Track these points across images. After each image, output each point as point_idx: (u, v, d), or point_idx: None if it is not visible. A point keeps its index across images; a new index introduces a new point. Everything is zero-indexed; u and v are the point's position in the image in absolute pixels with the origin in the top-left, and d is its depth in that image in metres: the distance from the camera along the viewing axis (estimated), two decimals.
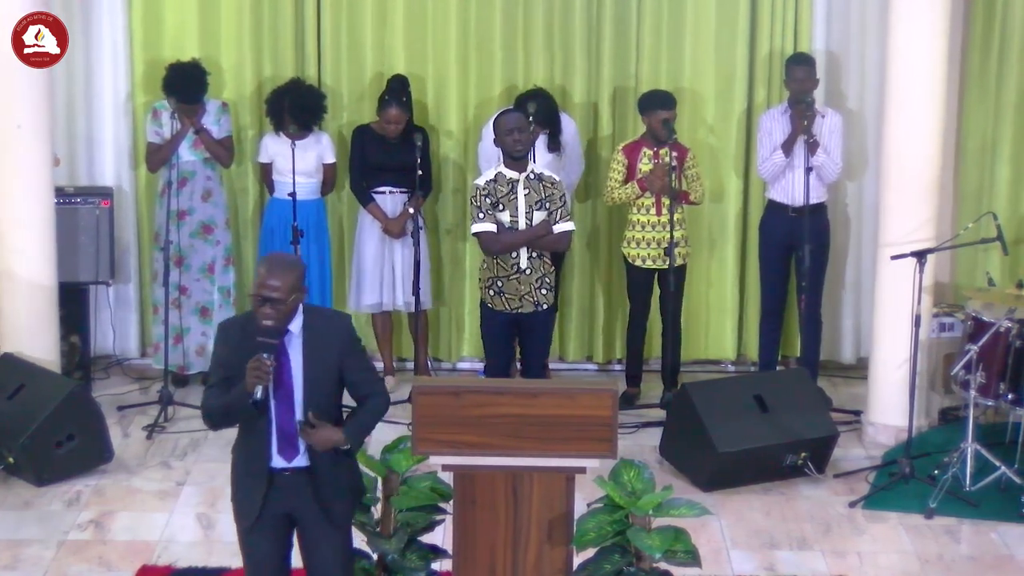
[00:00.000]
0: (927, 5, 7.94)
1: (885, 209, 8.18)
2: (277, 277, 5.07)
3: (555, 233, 7.69)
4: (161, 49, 9.09)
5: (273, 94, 8.80)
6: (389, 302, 8.95)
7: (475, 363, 9.35)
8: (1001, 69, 9.11)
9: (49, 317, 8.17)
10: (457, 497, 5.26)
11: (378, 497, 5.70)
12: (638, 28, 9.18)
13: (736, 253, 9.40)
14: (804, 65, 8.64)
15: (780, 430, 7.63)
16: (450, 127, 9.22)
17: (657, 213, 8.54)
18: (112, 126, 9.21)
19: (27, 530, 7.09)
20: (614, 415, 5.14)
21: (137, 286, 9.37)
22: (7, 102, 7.92)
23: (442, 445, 5.16)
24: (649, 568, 5.34)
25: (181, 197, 8.74)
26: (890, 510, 7.40)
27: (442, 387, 5.29)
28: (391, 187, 8.81)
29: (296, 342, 5.18)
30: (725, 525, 7.20)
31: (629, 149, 8.67)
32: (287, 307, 5.09)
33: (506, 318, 7.77)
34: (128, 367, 9.36)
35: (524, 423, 5.12)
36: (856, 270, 9.38)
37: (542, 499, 5.22)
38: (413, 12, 9.16)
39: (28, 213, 8.01)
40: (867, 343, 8.87)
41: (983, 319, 7.74)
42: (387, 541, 5.61)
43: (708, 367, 9.48)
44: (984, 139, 9.20)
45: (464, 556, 5.27)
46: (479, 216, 7.67)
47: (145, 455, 8.03)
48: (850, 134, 8.98)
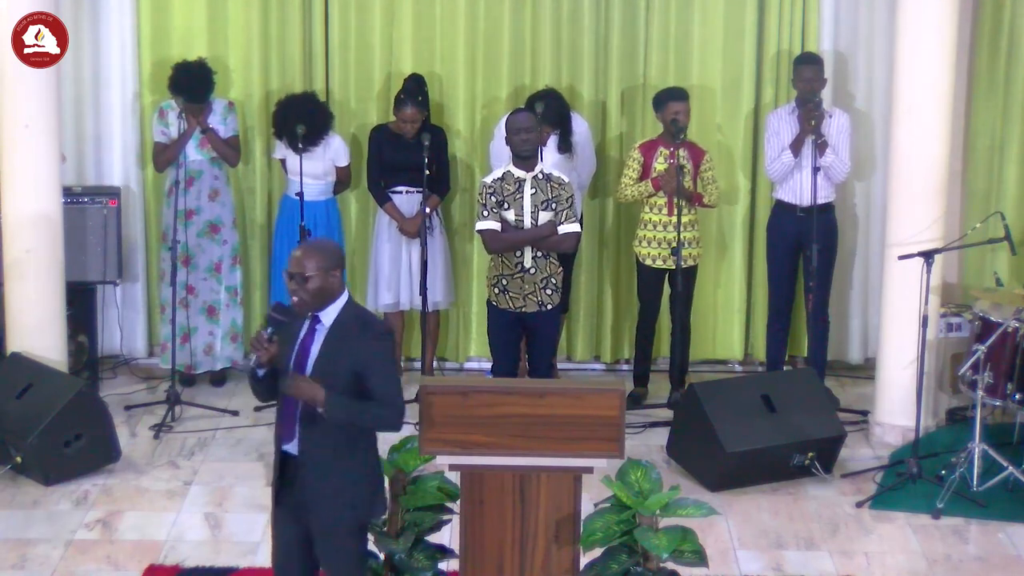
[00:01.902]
0: (935, 5, 7.93)
1: (893, 209, 8.17)
2: (304, 254, 5.21)
3: (559, 234, 7.68)
4: (169, 49, 9.10)
5: (278, 109, 8.75)
6: (406, 302, 8.96)
7: (482, 363, 9.35)
8: (1009, 69, 9.11)
9: (57, 316, 8.17)
10: (464, 497, 5.27)
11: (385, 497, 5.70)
12: (646, 28, 9.18)
13: (744, 253, 9.40)
14: (812, 65, 8.64)
15: (787, 430, 7.63)
16: (458, 127, 9.22)
17: (669, 213, 8.54)
18: (120, 126, 9.22)
19: (35, 529, 7.10)
20: (621, 415, 5.14)
21: (144, 286, 9.38)
22: (15, 102, 7.92)
23: (449, 445, 5.16)
24: (656, 568, 5.34)
25: (188, 197, 8.75)
26: (897, 510, 7.40)
27: (450, 387, 5.29)
28: (407, 187, 8.81)
29: (322, 333, 5.23)
30: (732, 525, 7.20)
31: (646, 147, 8.67)
32: (311, 286, 5.16)
33: (510, 317, 7.77)
34: (135, 366, 9.37)
35: (531, 423, 5.12)
36: (864, 270, 9.37)
37: (549, 499, 5.22)
38: (421, 11, 9.16)
39: (36, 212, 8.02)
40: (875, 343, 8.86)
41: (991, 319, 7.74)
42: (394, 541, 5.62)
43: (715, 367, 9.48)
44: (992, 139, 9.19)
45: (471, 556, 5.27)
46: (484, 214, 7.68)
47: (152, 454, 8.04)
48: (858, 134, 8.97)
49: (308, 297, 5.19)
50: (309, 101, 8.79)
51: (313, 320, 5.25)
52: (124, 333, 9.34)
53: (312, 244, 5.45)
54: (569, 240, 7.76)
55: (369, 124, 9.10)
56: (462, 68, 9.21)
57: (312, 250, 5.25)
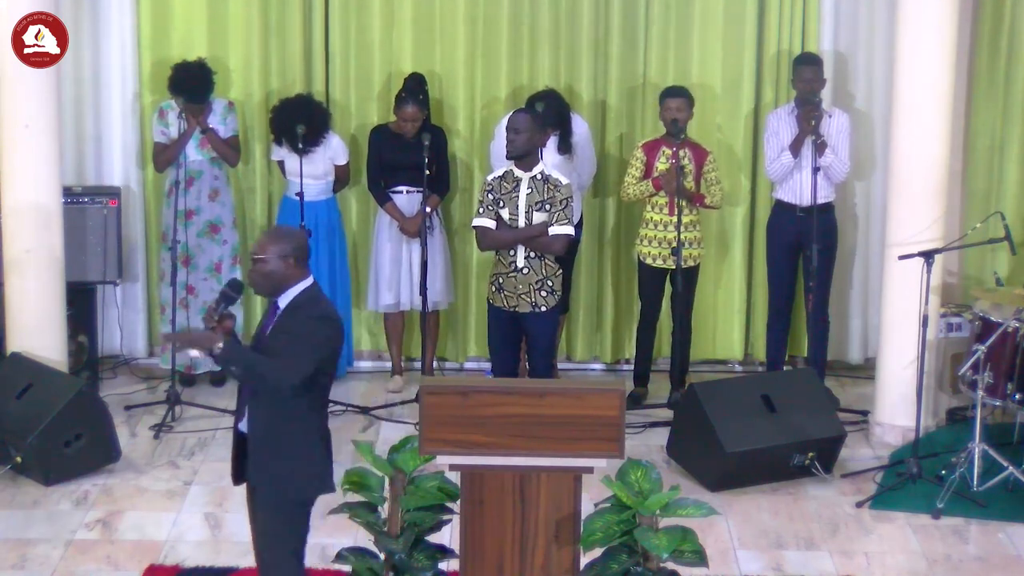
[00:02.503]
0: (935, 5, 7.93)
1: (893, 209, 8.17)
2: (266, 238, 5.44)
3: (549, 235, 7.67)
4: (169, 49, 9.09)
5: (277, 111, 8.76)
6: (407, 301, 8.96)
7: (482, 363, 9.34)
8: (1009, 68, 9.11)
9: (57, 316, 8.17)
10: (464, 497, 5.26)
11: (385, 496, 5.70)
12: (646, 28, 9.18)
13: (744, 253, 9.40)
14: (812, 65, 8.63)
15: (787, 430, 7.63)
16: (458, 127, 9.22)
17: (671, 213, 8.54)
18: (120, 126, 9.22)
19: (35, 529, 7.10)
20: (622, 415, 5.13)
21: (145, 286, 9.38)
22: (15, 102, 7.92)
23: (449, 445, 5.15)
24: (656, 568, 5.34)
25: (188, 197, 8.75)
26: (897, 510, 7.40)
27: (450, 387, 5.28)
28: (407, 186, 8.81)
29: (277, 316, 5.40)
30: (732, 525, 7.20)
31: (649, 147, 8.66)
32: (264, 268, 5.34)
33: (505, 315, 7.77)
34: (135, 366, 9.37)
35: (531, 423, 5.12)
36: (864, 270, 9.37)
37: (549, 499, 5.22)
38: (421, 11, 9.16)
39: (36, 213, 8.02)
40: (875, 343, 8.86)
41: (991, 319, 7.74)
42: (394, 541, 5.61)
43: (715, 367, 9.48)
44: (992, 139, 9.19)
45: (471, 556, 5.27)
46: (480, 210, 7.72)
47: (152, 455, 8.04)
48: (858, 134, 8.97)
49: (259, 279, 5.38)
50: (306, 102, 8.79)
51: (273, 307, 5.43)
52: (124, 333, 9.34)
53: (276, 230, 5.71)
54: (558, 242, 7.68)
55: (369, 124, 9.10)
56: (462, 68, 9.21)
57: (274, 235, 5.45)
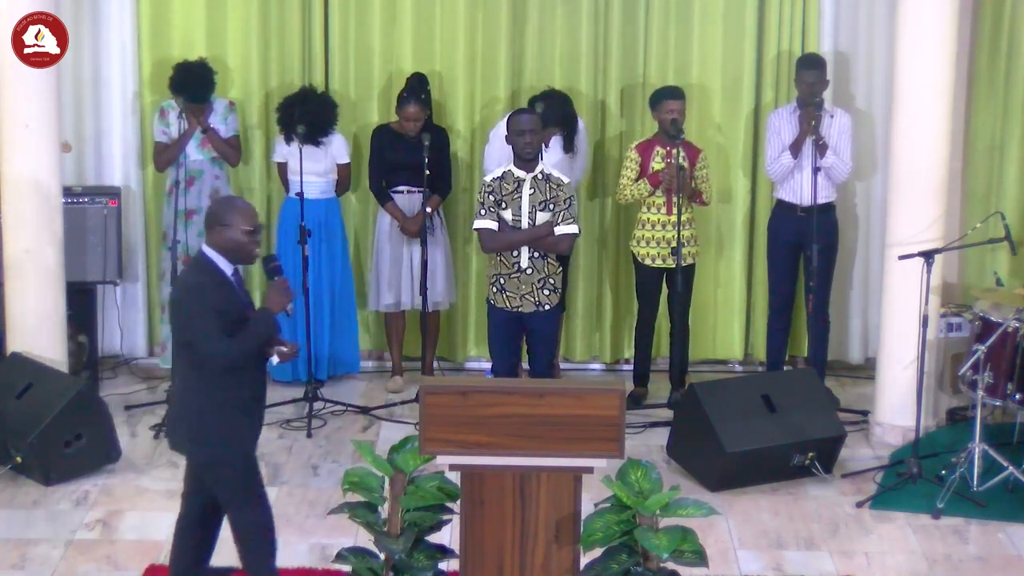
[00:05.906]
0: (935, 5, 7.93)
1: (893, 209, 8.17)
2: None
3: (556, 235, 7.67)
4: (169, 49, 9.10)
5: (284, 104, 8.78)
6: (408, 301, 8.96)
7: (482, 363, 9.35)
8: (1009, 69, 9.11)
9: (57, 316, 8.17)
10: (464, 497, 5.26)
11: (385, 497, 5.70)
12: (646, 28, 9.19)
13: (744, 253, 9.40)
14: (814, 69, 8.61)
15: (788, 430, 7.63)
16: (458, 127, 9.23)
17: (667, 212, 8.54)
18: (120, 125, 9.22)
19: (35, 529, 7.10)
20: (622, 415, 5.14)
21: (145, 285, 9.38)
22: (15, 102, 7.92)
23: (449, 445, 5.16)
24: (656, 568, 5.34)
25: (189, 196, 8.75)
26: (898, 510, 7.39)
27: (450, 387, 5.28)
28: (408, 186, 8.81)
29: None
30: (732, 525, 7.20)
31: (642, 147, 8.67)
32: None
33: (508, 316, 7.77)
34: (135, 366, 9.37)
35: (531, 423, 5.12)
36: (864, 270, 9.37)
37: (549, 499, 5.22)
38: (421, 11, 9.16)
39: (36, 213, 8.02)
40: (875, 343, 8.86)
41: (991, 319, 7.73)
42: (394, 541, 5.61)
43: (715, 367, 9.48)
44: (992, 139, 9.19)
45: (471, 556, 5.27)
46: (481, 212, 7.69)
47: (153, 454, 8.04)
48: (858, 134, 8.97)
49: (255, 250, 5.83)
50: (312, 94, 8.82)
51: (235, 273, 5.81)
52: (124, 333, 9.35)
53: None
54: (565, 241, 7.73)
55: (370, 124, 9.10)
56: (462, 68, 9.21)
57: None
